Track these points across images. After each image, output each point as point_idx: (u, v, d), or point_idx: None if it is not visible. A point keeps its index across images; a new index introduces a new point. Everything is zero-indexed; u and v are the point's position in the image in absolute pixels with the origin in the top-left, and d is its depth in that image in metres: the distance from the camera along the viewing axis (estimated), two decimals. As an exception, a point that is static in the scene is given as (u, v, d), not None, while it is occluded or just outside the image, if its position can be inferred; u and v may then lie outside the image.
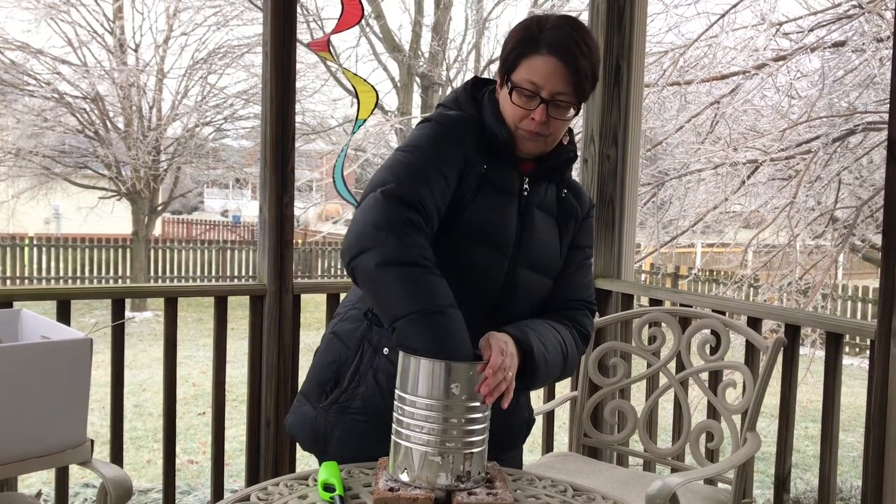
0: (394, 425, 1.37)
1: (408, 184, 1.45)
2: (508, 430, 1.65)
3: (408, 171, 1.48)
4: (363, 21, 12.13)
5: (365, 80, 2.82)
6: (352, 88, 2.82)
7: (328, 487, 1.38)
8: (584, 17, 3.40)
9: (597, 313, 2.67)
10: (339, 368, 1.64)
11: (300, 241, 15.20)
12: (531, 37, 1.52)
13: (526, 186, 1.60)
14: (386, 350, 1.59)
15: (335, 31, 2.81)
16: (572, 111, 1.55)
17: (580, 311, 1.67)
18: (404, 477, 1.35)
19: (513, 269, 1.58)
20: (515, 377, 1.42)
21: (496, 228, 1.56)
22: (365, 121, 2.82)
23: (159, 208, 13.57)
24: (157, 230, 15.86)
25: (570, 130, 1.67)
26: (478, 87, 1.66)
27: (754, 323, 2.64)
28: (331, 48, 2.84)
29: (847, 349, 9.64)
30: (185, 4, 12.23)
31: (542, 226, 1.62)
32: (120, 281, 13.75)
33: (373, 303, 1.49)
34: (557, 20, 1.54)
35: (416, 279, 1.38)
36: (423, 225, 1.43)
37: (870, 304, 10.60)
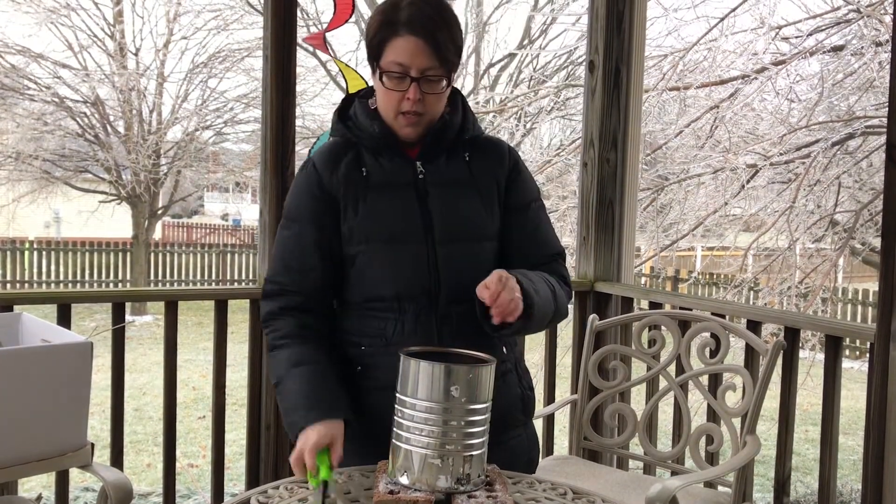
0: (394, 428, 1.37)
1: (271, 276, 1.66)
2: (501, 408, 1.60)
3: (274, 258, 1.68)
4: (364, 24, 12.15)
5: (354, 70, 2.81)
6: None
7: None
8: (584, 21, 3.40)
9: (597, 317, 2.68)
10: None
11: (300, 245, 15.16)
12: (389, 20, 1.56)
13: (421, 170, 1.63)
14: (360, 367, 1.63)
15: (329, 30, 2.81)
16: (444, 83, 1.59)
17: (553, 264, 1.69)
18: (404, 480, 1.35)
19: (434, 249, 1.60)
20: (512, 317, 1.48)
21: (393, 221, 1.60)
22: None
23: (159, 212, 13.58)
24: (157, 234, 15.88)
25: (460, 100, 1.70)
26: (347, 105, 1.72)
27: (754, 326, 2.64)
28: (327, 45, 2.83)
29: (847, 352, 9.63)
30: (186, 8, 12.24)
31: (450, 198, 1.63)
32: (120, 285, 13.76)
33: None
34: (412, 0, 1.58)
35: (274, 361, 1.61)
36: (289, 298, 1.62)
37: (870, 308, 10.60)
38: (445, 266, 1.59)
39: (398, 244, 1.60)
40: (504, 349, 1.68)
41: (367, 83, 2.83)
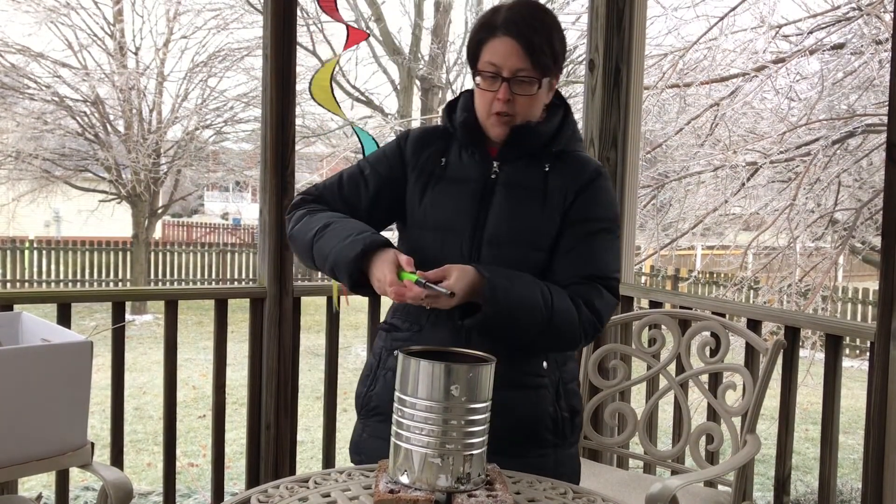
0: (394, 427, 1.37)
1: (318, 184, 1.75)
2: (525, 421, 1.60)
3: (332, 177, 1.75)
4: (363, 25, 12.15)
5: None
6: (352, 91, 2.80)
7: None
8: (584, 20, 3.40)
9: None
10: (368, 380, 1.74)
11: (300, 244, 15.15)
12: (487, 23, 1.60)
13: (496, 169, 1.65)
14: (396, 352, 1.60)
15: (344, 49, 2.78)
16: (536, 86, 1.59)
17: (585, 286, 1.61)
18: (404, 479, 1.35)
19: (479, 248, 1.61)
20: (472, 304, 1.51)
21: (448, 213, 1.64)
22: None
23: (159, 211, 13.59)
24: (157, 233, 15.88)
25: (565, 108, 1.70)
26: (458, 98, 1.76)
27: (754, 325, 2.64)
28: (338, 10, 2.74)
29: (847, 351, 9.64)
30: (185, 7, 12.25)
31: (512, 201, 1.63)
32: (120, 284, 13.76)
33: (306, 260, 1.68)
34: (512, 4, 1.61)
35: (308, 219, 1.66)
36: (322, 205, 1.70)
37: (870, 307, 10.60)
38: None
39: (446, 235, 1.63)
40: (545, 364, 1.64)
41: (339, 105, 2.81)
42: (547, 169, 1.65)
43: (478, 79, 1.62)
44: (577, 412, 1.71)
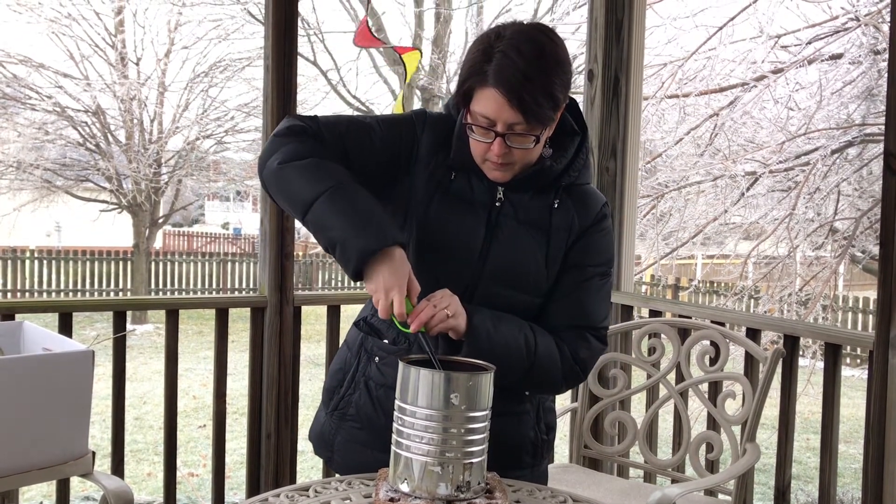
0: (394, 435, 1.38)
1: (318, 119, 1.53)
2: (506, 446, 1.60)
3: (338, 118, 1.56)
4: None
5: (405, 46, 2.83)
6: (352, 101, 2.83)
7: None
8: (583, 30, 3.41)
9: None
10: (343, 375, 1.67)
11: (301, 254, 15.21)
12: (479, 68, 1.43)
13: (500, 197, 1.55)
14: (377, 359, 1.61)
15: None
16: (534, 140, 1.46)
17: (574, 333, 1.58)
18: (404, 487, 1.35)
19: (476, 281, 1.54)
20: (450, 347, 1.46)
21: (455, 238, 1.54)
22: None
23: (160, 221, 13.60)
24: (157, 243, 15.89)
25: (575, 145, 1.57)
26: None
27: (753, 334, 2.65)
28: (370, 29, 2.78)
29: (848, 360, 9.63)
30: (186, 18, 12.28)
31: (516, 238, 1.55)
32: (121, 293, 13.76)
33: (285, 203, 1.48)
34: (509, 40, 1.42)
35: (316, 166, 1.44)
36: (321, 141, 1.50)
37: (870, 315, 10.60)
38: (482, 304, 1.52)
39: (447, 259, 1.54)
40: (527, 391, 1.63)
41: (419, 50, 2.80)
42: (555, 205, 1.57)
43: (469, 121, 1.47)
44: (553, 428, 1.71)
